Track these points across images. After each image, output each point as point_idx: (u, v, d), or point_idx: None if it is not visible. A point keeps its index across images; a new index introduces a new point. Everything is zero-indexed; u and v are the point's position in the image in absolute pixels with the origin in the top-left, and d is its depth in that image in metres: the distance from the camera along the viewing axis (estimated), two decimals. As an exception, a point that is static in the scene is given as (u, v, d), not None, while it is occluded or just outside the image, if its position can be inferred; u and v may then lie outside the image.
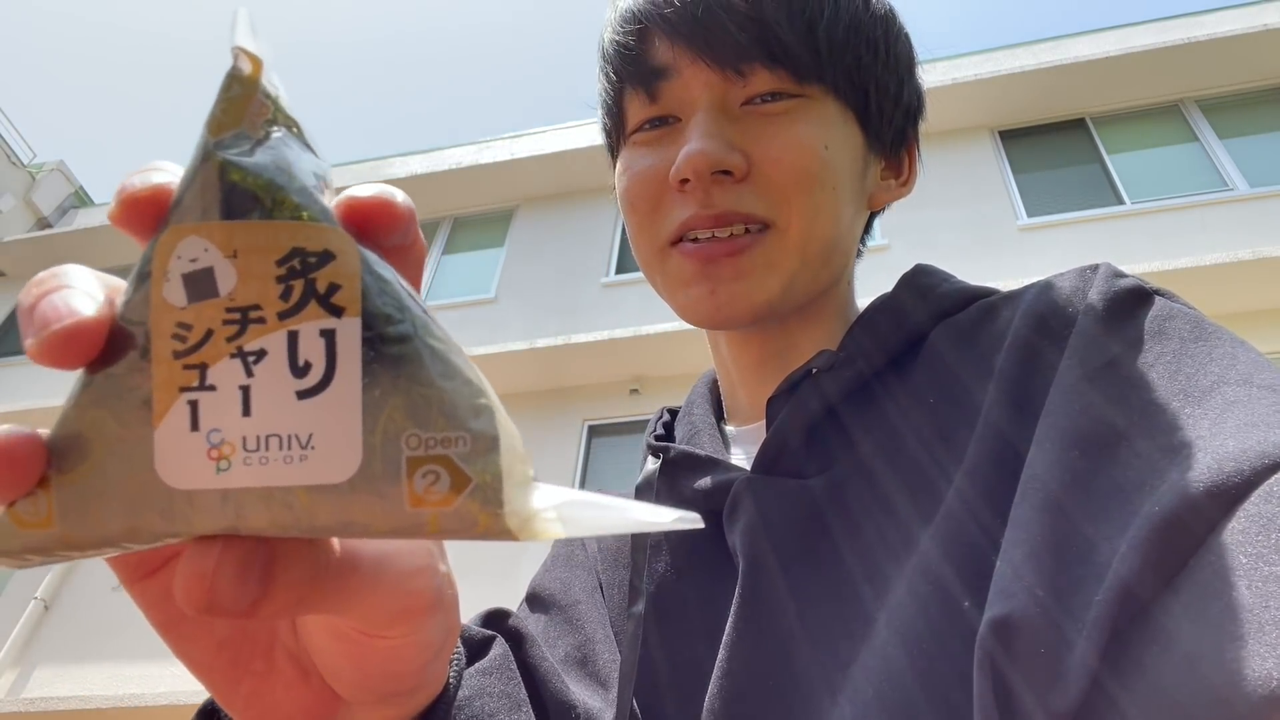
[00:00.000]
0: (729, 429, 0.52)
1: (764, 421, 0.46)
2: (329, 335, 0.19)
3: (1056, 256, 5.95)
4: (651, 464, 0.50)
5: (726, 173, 0.44)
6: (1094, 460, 0.31)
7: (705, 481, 0.45)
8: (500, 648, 0.43)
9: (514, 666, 0.42)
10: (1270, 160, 6.26)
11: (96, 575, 6.30)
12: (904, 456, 0.39)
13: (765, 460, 0.44)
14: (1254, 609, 0.23)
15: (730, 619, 0.40)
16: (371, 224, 0.20)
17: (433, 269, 7.96)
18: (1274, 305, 5.38)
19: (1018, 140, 7.02)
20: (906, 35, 0.52)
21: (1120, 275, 0.39)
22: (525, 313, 7.01)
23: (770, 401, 0.45)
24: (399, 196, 0.21)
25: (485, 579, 5.64)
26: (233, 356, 0.19)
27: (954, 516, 0.35)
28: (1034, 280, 0.43)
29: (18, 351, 8.38)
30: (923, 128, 0.56)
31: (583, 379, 6.37)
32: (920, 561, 0.35)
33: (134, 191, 0.20)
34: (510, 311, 7.21)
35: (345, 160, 9.28)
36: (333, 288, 0.20)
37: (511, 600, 0.57)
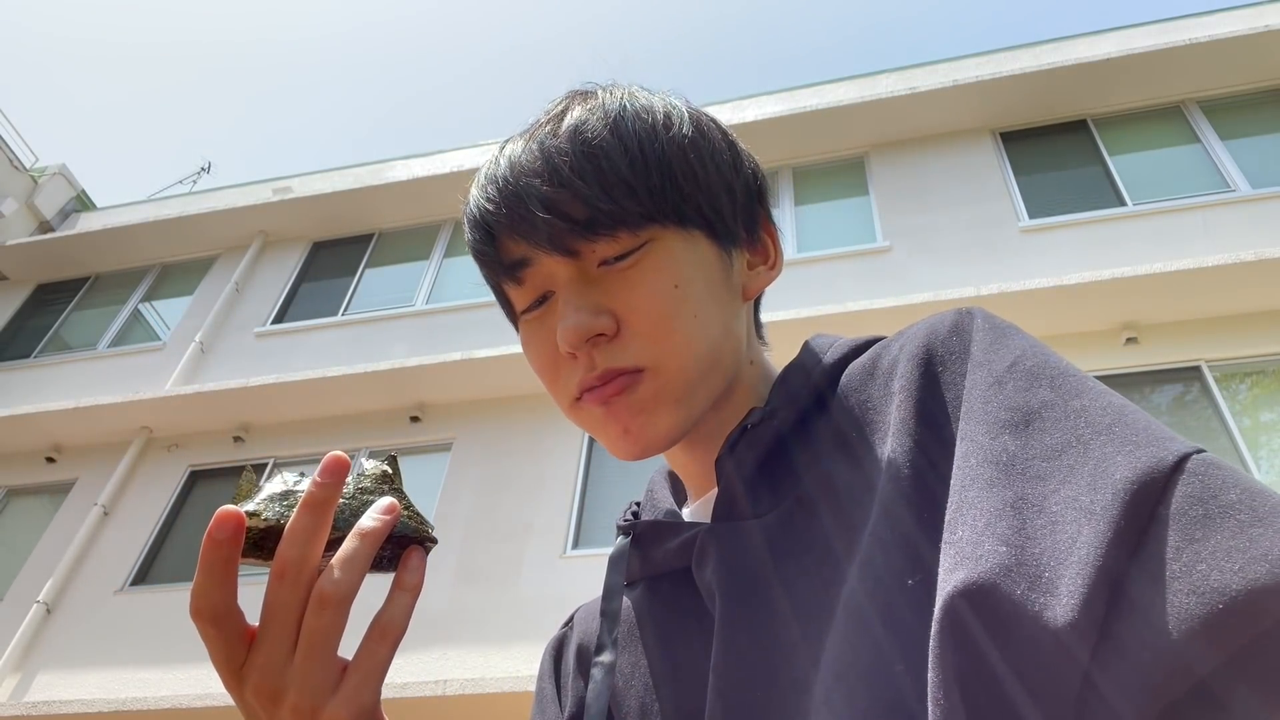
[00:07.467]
0: (685, 511, 0.58)
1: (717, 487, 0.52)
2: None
3: (1058, 258, 5.94)
4: (622, 540, 0.57)
5: (601, 334, 0.49)
6: (1022, 436, 0.36)
7: (673, 543, 0.51)
8: None
9: None
10: (1272, 161, 6.26)
11: (99, 579, 6.31)
12: (837, 482, 0.45)
13: (721, 511, 0.50)
14: (1200, 587, 0.28)
15: (715, 643, 0.45)
16: None
17: (435, 273, 7.97)
18: (1276, 307, 5.38)
19: (1019, 142, 7.02)
20: (714, 142, 0.55)
21: (994, 315, 0.46)
22: (527, 315, 6.99)
23: (717, 463, 0.51)
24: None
25: (486, 584, 5.63)
26: None
27: (887, 517, 0.40)
28: (1034, 283, 0.45)
29: (21, 355, 8.41)
30: (921, 132, 0.58)
31: (584, 382, 6.34)
32: (864, 557, 0.40)
33: None
34: (512, 314, 7.20)
35: (348, 164, 9.30)
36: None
37: (510, 601, 0.58)
